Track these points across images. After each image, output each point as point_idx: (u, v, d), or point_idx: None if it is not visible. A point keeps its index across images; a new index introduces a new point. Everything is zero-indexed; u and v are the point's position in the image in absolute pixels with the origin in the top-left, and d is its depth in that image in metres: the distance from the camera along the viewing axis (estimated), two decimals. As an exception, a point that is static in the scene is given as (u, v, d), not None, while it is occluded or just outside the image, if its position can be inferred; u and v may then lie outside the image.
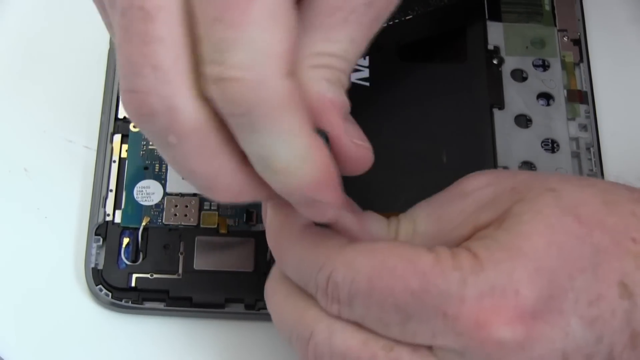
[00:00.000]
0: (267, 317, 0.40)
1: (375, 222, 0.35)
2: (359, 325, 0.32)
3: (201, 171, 0.30)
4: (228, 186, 0.31)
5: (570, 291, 0.30)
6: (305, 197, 0.30)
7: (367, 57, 0.45)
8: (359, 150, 0.32)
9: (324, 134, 0.31)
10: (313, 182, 0.30)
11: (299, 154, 0.29)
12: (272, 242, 0.34)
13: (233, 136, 0.29)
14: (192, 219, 0.42)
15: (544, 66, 0.46)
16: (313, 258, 0.32)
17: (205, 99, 0.29)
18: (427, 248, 0.31)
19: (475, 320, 0.29)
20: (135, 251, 0.41)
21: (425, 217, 0.34)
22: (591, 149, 0.44)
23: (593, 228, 0.31)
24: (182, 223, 0.42)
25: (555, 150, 0.44)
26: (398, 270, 0.30)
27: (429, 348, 0.31)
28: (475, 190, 0.34)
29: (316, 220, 0.32)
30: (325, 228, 0.34)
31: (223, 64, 0.28)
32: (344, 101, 0.32)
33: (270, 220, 0.34)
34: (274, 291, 0.34)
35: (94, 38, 0.47)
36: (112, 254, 0.41)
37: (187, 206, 0.42)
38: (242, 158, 0.30)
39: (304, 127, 0.29)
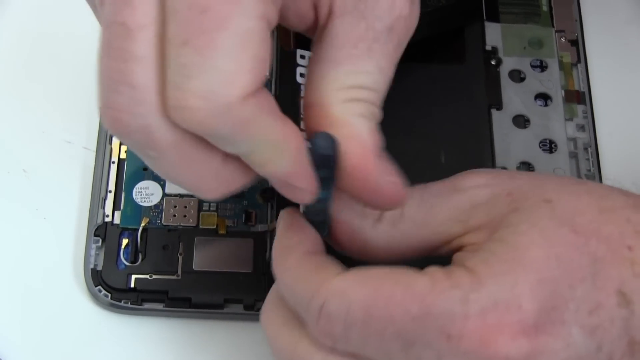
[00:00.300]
0: (266, 318, 0.40)
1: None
2: (355, 357, 0.31)
3: (185, 179, 0.31)
4: (215, 186, 0.31)
5: (571, 301, 0.30)
6: (282, 182, 0.31)
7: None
8: (391, 187, 0.32)
9: (326, 138, 0.31)
10: (288, 172, 0.30)
11: (272, 153, 0.30)
12: (274, 263, 0.34)
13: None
14: (191, 220, 0.42)
15: (542, 67, 0.46)
16: (306, 285, 0.32)
17: None
18: (419, 270, 0.31)
19: (480, 338, 0.29)
20: (134, 252, 0.41)
21: (416, 203, 0.34)
22: (589, 149, 0.44)
23: (589, 237, 0.31)
24: (181, 224, 0.42)
25: (553, 150, 0.44)
26: (396, 297, 0.30)
27: None
28: (471, 188, 0.34)
29: (296, 201, 0.32)
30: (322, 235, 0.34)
31: (184, 90, 0.28)
32: (378, 139, 0.32)
33: (275, 243, 0.34)
34: (269, 317, 0.34)
35: (94, 39, 0.46)
36: (111, 254, 0.41)
37: (186, 207, 0.42)
38: (223, 155, 0.30)
39: (274, 129, 0.29)
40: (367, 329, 0.30)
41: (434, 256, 0.34)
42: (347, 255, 0.35)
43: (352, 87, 0.31)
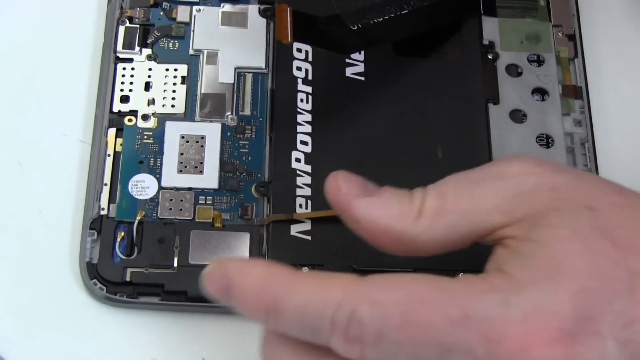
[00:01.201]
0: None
1: (395, 200, 0.33)
2: None
3: None
4: None
5: (609, 314, 0.29)
6: None
7: (363, 52, 0.45)
8: None
9: None
10: None
11: None
12: (263, 295, 0.31)
13: None
14: (187, 213, 0.42)
15: (539, 61, 0.46)
16: (325, 297, 0.30)
17: None
18: (449, 277, 0.30)
19: (519, 343, 0.28)
20: (130, 245, 0.41)
21: (455, 193, 0.32)
22: (586, 144, 0.44)
23: (627, 252, 0.30)
24: (177, 217, 0.42)
25: (550, 145, 0.44)
26: (433, 300, 0.29)
27: None
28: (516, 176, 0.32)
29: None
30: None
31: None
32: None
33: (247, 272, 0.32)
34: (274, 355, 0.32)
35: (89, 32, 0.46)
36: (107, 248, 0.41)
37: (182, 200, 0.42)
38: None
39: None
40: (402, 335, 0.29)
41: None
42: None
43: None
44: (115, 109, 0.44)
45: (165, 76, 0.45)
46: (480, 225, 0.32)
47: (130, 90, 0.44)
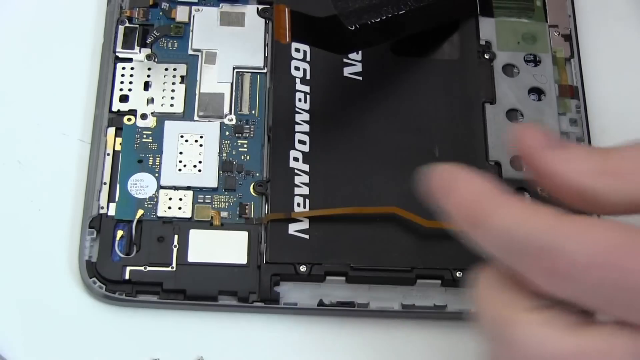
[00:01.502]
0: (260, 310, 0.41)
1: (584, 155, 0.31)
2: (569, 314, 0.29)
3: None
4: None
5: None
6: None
7: (361, 52, 0.45)
8: None
9: None
10: None
11: None
12: (479, 205, 0.30)
13: None
14: (185, 212, 0.42)
15: (535, 61, 0.46)
16: (534, 225, 0.29)
17: None
18: None
19: None
20: (129, 244, 0.41)
21: None
22: (582, 143, 0.45)
23: None
24: (176, 216, 0.42)
25: (546, 144, 0.44)
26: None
27: None
28: None
29: None
30: None
31: None
32: None
33: (467, 179, 0.31)
34: (478, 283, 0.31)
35: (90, 31, 0.47)
36: (106, 246, 0.41)
37: (181, 199, 0.42)
38: None
39: None
40: (607, 275, 0.28)
41: None
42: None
43: None
44: (114, 109, 0.44)
45: (165, 76, 0.45)
46: None
47: (130, 90, 0.45)
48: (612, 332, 0.28)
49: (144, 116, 0.44)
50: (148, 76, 0.45)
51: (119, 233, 0.41)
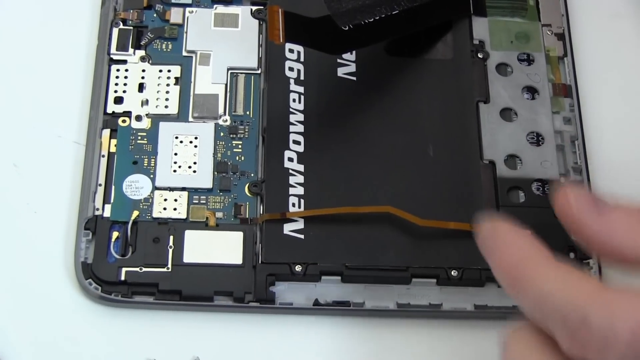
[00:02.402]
0: (255, 310, 0.41)
1: (626, 222, 0.32)
2: None
3: None
4: None
5: None
6: None
7: (354, 52, 0.45)
8: None
9: None
10: None
11: None
12: (516, 264, 0.32)
13: None
14: (181, 213, 0.42)
15: (529, 60, 0.46)
16: (568, 294, 0.30)
17: None
18: None
19: None
20: (124, 245, 0.41)
21: None
22: (576, 142, 0.45)
23: None
24: (171, 217, 0.42)
25: (540, 143, 0.44)
26: None
27: None
28: None
29: None
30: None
31: None
32: None
33: (512, 240, 0.32)
34: (514, 338, 0.32)
35: (84, 33, 0.47)
36: (102, 248, 0.41)
37: (176, 200, 0.42)
38: None
39: None
40: (629, 352, 0.29)
41: None
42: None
43: None
44: (109, 110, 0.44)
45: (159, 77, 0.45)
46: None
47: (124, 92, 0.45)
48: None
49: (138, 118, 0.44)
50: (142, 78, 0.45)
51: (115, 234, 0.41)
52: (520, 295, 0.32)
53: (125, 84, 0.45)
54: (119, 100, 0.44)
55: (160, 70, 0.45)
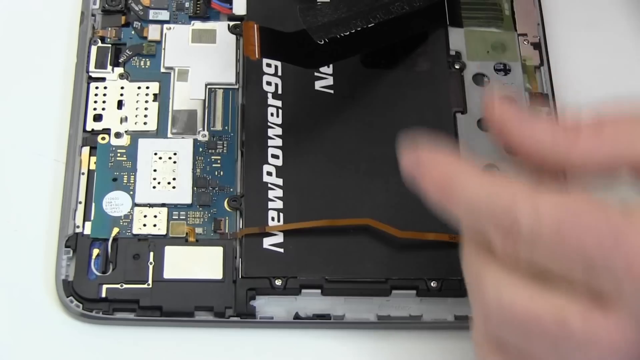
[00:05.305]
0: (236, 325, 0.41)
1: (547, 120, 0.36)
2: (536, 276, 0.32)
3: None
4: None
5: None
6: None
7: (331, 65, 0.45)
8: None
9: None
10: None
11: None
12: (441, 180, 0.34)
13: None
14: (160, 229, 0.42)
15: (505, 70, 0.46)
16: (495, 197, 0.32)
17: None
18: (612, 205, 0.32)
19: None
20: (105, 262, 0.41)
21: (622, 122, 0.34)
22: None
23: None
24: (151, 233, 0.42)
25: (518, 152, 0.44)
26: (589, 219, 0.31)
27: (605, 312, 0.31)
28: None
29: None
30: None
31: None
32: None
33: (437, 159, 0.35)
34: (464, 252, 0.35)
35: (62, 51, 0.47)
36: (82, 265, 0.41)
37: (155, 216, 0.42)
38: None
39: None
40: (554, 242, 0.31)
41: None
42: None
43: None
44: (88, 128, 0.44)
45: (138, 94, 0.45)
46: (635, 152, 0.33)
47: (103, 109, 0.45)
48: (565, 298, 0.32)
49: (117, 135, 0.44)
50: (121, 95, 0.45)
51: (95, 251, 0.42)
52: (453, 207, 0.34)
53: (104, 102, 0.45)
54: (98, 118, 0.45)
55: (139, 87, 0.45)
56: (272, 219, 0.42)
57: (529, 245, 0.32)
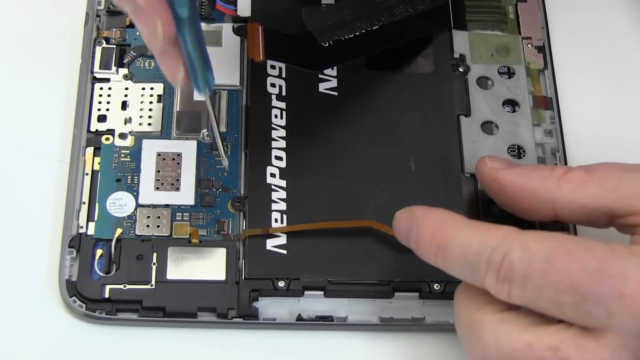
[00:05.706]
0: (239, 326, 0.41)
1: (536, 168, 0.38)
2: (527, 316, 0.34)
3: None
4: None
5: None
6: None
7: (335, 68, 0.45)
8: None
9: None
10: None
11: None
12: (436, 234, 0.36)
13: None
14: (164, 230, 0.42)
15: (509, 73, 0.47)
16: (485, 240, 0.34)
17: None
18: (598, 241, 0.33)
19: None
20: (108, 262, 0.42)
21: (605, 172, 0.36)
22: (557, 154, 0.45)
23: None
24: (155, 234, 0.42)
25: (521, 155, 0.45)
26: (576, 253, 0.33)
27: (598, 340, 0.33)
28: None
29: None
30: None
31: None
32: None
33: (428, 214, 0.37)
34: (456, 295, 0.37)
35: (67, 52, 0.47)
36: (86, 265, 0.41)
37: (159, 217, 0.42)
38: None
39: None
40: (545, 279, 0.33)
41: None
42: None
43: None
44: (92, 129, 0.44)
45: (142, 95, 0.45)
46: (621, 205, 0.35)
47: (107, 110, 0.45)
48: (559, 330, 0.34)
49: (122, 135, 0.44)
50: (125, 96, 0.45)
51: (99, 252, 0.42)
52: (446, 255, 0.36)
53: (108, 102, 0.45)
54: (102, 119, 0.45)
55: (143, 88, 0.46)
56: (275, 220, 0.42)
57: (522, 280, 0.33)
